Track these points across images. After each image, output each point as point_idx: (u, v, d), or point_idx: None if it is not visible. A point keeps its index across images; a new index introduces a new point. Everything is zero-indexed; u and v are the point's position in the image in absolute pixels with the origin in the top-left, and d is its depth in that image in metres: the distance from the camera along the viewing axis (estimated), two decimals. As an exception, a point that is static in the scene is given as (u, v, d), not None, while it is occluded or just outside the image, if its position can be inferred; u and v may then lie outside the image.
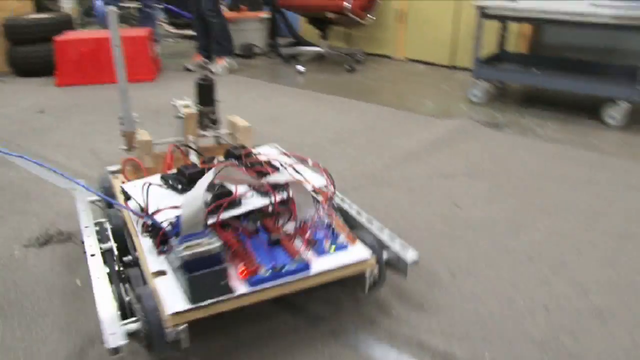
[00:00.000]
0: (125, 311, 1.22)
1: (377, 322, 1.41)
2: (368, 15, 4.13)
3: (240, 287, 1.20)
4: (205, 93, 1.91)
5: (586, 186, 2.20)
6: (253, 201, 1.41)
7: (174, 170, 1.55)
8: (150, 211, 1.37)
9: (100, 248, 1.43)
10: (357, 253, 1.33)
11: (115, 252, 1.44)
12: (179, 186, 1.47)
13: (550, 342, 1.35)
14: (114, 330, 1.12)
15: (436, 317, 1.44)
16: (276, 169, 1.53)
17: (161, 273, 1.26)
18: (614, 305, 1.49)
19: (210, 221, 1.30)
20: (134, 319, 1.17)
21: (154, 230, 1.35)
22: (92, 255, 1.39)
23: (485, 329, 1.40)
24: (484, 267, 1.66)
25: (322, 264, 1.28)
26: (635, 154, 2.56)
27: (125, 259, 1.44)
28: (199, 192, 1.26)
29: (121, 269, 1.39)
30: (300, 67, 4.06)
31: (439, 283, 1.58)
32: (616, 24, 2.74)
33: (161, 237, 1.30)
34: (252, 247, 1.30)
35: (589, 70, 3.21)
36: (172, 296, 1.18)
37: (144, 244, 1.36)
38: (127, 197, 1.51)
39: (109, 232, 1.52)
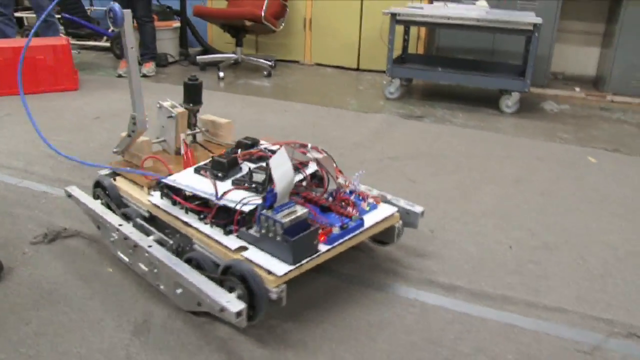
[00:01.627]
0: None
1: (394, 271, 1.71)
2: (279, 23, 4.42)
3: (320, 246, 1.42)
4: (193, 92, 1.98)
5: (506, 160, 2.68)
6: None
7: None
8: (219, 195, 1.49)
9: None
10: (387, 210, 1.64)
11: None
12: (220, 174, 1.60)
13: (522, 269, 1.75)
14: (228, 298, 1.27)
15: (433, 262, 1.77)
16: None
17: (243, 248, 1.42)
18: (555, 240, 1.93)
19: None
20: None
21: (226, 212, 1.48)
22: (150, 246, 1.49)
23: (472, 266, 1.75)
24: (453, 223, 2.02)
25: (368, 220, 1.56)
26: (532, 134, 3.12)
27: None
28: (288, 168, 1.43)
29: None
30: (220, 73, 4.24)
31: (423, 238, 1.91)
32: (503, 28, 3.31)
33: (238, 217, 1.45)
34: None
35: (481, 68, 3.77)
36: (268, 262, 1.35)
37: (204, 229, 1.49)
38: (171, 191, 1.60)
39: (146, 225, 1.64)
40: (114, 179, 1.85)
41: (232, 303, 1.25)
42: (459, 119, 3.35)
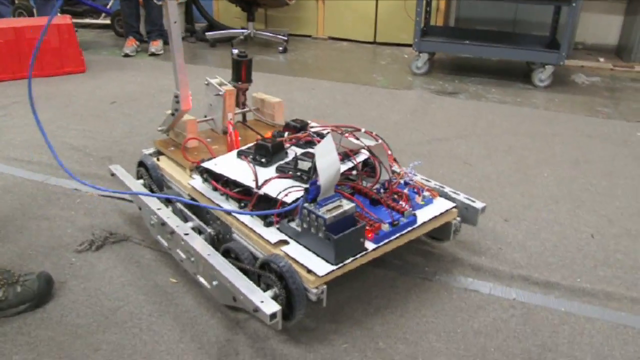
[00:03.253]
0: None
1: (476, 265, 1.59)
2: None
3: (367, 244, 1.30)
4: (243, 69, 1.85)
5: (555, 139, 2.55)
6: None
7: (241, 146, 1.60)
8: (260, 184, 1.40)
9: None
10: (443, 205, 1.50)
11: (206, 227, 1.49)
12: (263, 159, 1.50)
13: (611, 260, 1.63)
14: (262, 298, 1.16)
15: (519, 255, 1.65)
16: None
17: (283, 242, 1.32)
18: (637, 227, 1.81)
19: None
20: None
21: (267, 202, 1.38)
22: (186, 234, 1.40)
23: (560, 258, 1.64)
24: (524, 211, 1.90)
25: (421, 216, 1.42)
26: (571, 108, 3.00)
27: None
28: (334, 158, 1.30)
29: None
30: (234, 50, 4.03)
31: (499, 227, 1.79)
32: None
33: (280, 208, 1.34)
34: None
35: (507, 40, 3.61)
36: (309, 260, 1.25)
37: (244, 219, 1.39)
38: (211, 176, 1.51)
39: (186, 210, 1.54)
40: (158, 159, 1.79)
41: (266, 304, 1.15)
42: (493, 95, 3.22)
